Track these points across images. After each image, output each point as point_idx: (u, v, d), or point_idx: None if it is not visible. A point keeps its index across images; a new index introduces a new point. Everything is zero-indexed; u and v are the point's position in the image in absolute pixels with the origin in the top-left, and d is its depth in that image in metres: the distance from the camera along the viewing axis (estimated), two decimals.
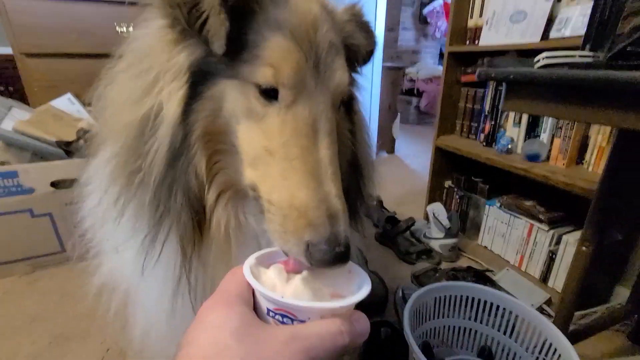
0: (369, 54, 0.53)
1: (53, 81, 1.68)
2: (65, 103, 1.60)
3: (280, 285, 0.30)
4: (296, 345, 0.25)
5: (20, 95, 1.79)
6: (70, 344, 0.96)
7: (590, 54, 0.56)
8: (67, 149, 1.32)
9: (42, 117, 1.41)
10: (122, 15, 1.70)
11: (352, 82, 0.52)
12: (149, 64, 0.41)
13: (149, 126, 0.40)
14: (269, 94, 0.38)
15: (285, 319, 0.28)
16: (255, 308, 0.29)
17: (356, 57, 0.51)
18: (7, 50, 1.78)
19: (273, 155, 0.37)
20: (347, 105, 0.50)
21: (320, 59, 0.40)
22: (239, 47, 0.38)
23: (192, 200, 0.42)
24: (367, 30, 0.51)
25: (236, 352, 0.24)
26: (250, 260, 0.32)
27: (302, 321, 0.28)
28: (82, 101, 1.60)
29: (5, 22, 1.58)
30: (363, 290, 0.30)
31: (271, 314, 0.28)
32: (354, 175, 0.53)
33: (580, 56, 0.54)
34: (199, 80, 0.39)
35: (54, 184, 1.24)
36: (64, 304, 1.11)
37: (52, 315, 1.07)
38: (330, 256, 0.31)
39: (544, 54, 0.55)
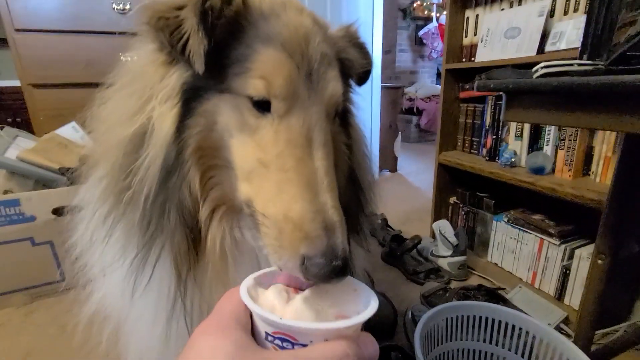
0: (366, 73, 0.54)
1: (59, 110, 1.72)
2: (70, 131, 1.62)
3: (279, 307, 0.27)
4: None
5: (27, 126, 1.83)
6: None
7: (589, 62, 0.56)
8: (70, 176, 1.33)
9: (46, 145, 1.43)
10: (127, 45, 1.76)
11: (347, 96, 0.51)
12: (142, 84, 0.41)
13: (139, 143, 0.40)
14: (262, 105, 0.38)
15: (285, 344, 0.25)
16: (254, 333, 0.27)
17: (350, 72, 0.50)
18: (15, 83, 1.84)
19: (267, 167, 0.37)
20: (343, 119, 0.50)
21: (313, 69, 0.39)
22: (229, 62, 0.38)
23: (187, 218, 0.41)
24: (361, 48, 0.52)
25: None
26: (248, 281, 0.30)
27: (304, 345, 0.25)
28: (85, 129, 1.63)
29: (15, 56, 1.64)
30: (370, 307, 0.27)
31: (270, 338, 0.26)
32: (353, 189, 0.52)
33: (579, 64, 0.54)
34: (192, 97, 0.39)
35: (55, 211, 1.23)
36: (59, 338, 1.07)
37: (47, 350, 1.02)
38: (327, 270, 0.30)
39: (542, 64, 0.54)
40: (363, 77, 0.54)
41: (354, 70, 0.50)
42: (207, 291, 0.44)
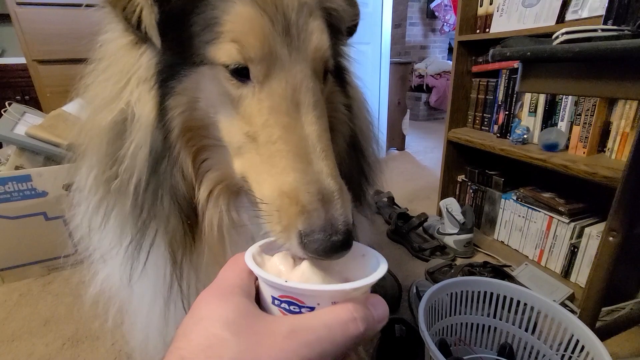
0: (355, 26, 0.48)
1: (65, 86, 1.69)
2: (77, 108, 1.63)
3: (286, 272, 0.27)
4: (299, 339, 0.22)
5: (35, 103, 1.83)
6: (82, 346, 0.97)
7: (615, 27, 0.52)
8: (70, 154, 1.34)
9: (54, 121, 1.43)
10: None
11: (339, 50, 0.46)
12: (117, 69, 0.39)
13: (121, 130, 0.38)
14: (240, 73, 0.34)
15: (292, 307, 0.25)
16: (260, 299, 0.27)
17: (339, 24, 0.44)
18: (21, 60, 1.83)
19: (255, 140, 0.34)
20: (339, 77, 0.46)
21: (291, 22, 0.34)
22: (197, 29, 0.35)
23: (181, 204, 0.39)
24: None
25: (230, 346, 0.21)
26: (254, 248, 0.29)
27: (311, 308, 0.24)
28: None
29: (18, 31, 1.62)
30: (379, 270, 0.26)
31: (276, 302, 0.25)
32: (354, 156, 0.49)
33: (603, 30, 0.51)
34: (168, 76, 0.36)
35: (66, 187, 1.26)
36: (76, 306, 1.12)
37: (65, 318, 1.07)
38: (327, 245, 0.27)
39: (563, 30, 0.51)
40: (350, 31, 0.48)
41: (343, 22, 0.44)
42: (204, 274, 0.44)
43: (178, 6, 0.34)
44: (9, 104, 1.41)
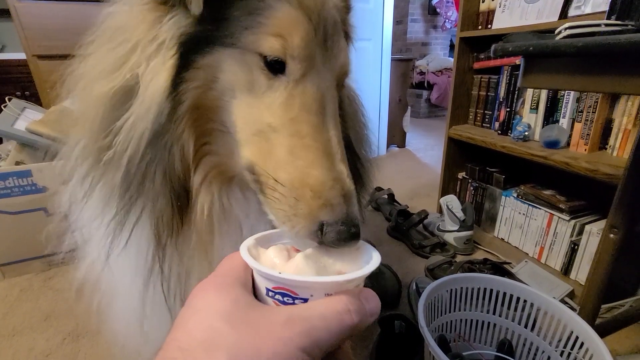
0: None
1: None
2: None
3: (280, 264, 0.27)
4: (296, 328, 0.22)
5: (36, 99, 1.83)
6: (83, 341, 0.97)
7: (618, 22, 0.52)
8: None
9: (54, 116, 1.43)
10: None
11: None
12: (126, 36, 0.38)
13: (122, 100, 0.37)
14: (275, 66, 0.35)
15: (286, 298, 0.25)
16: (255, 291, 0.27)
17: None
18: (21, 56, 1.82)
19: (278, 132, 0.35)
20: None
21: (327, 35, 0.37)
22: (237, 13, 0.35)
23: (174, 184, 0.39)
24: (349, 15, 0.49)
25: (227, 336, 0.21)
26: (249, 240, 0.30)
27: (305, 300, 0.25)
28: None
29: (18, 26, 1.62)
30: (372, 262, 0.27)
31: (270, 293, 0.26)
32: (350, 158, 0.50)
33: (607, 25, 0.50)
34: (192, 48, 0.36)
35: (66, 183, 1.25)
36: (76, 301, 1.12)
37: (66, 313, 1.08)
38: (347, 236, 0.30)
39: (566, 25, 0.50)
40: None
41: (348, 43, 0.49)
42: (187, 259, 0.43)
43: None
44: (9, 100, 1.41)
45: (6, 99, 1.40)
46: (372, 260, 0.27)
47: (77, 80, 0.43)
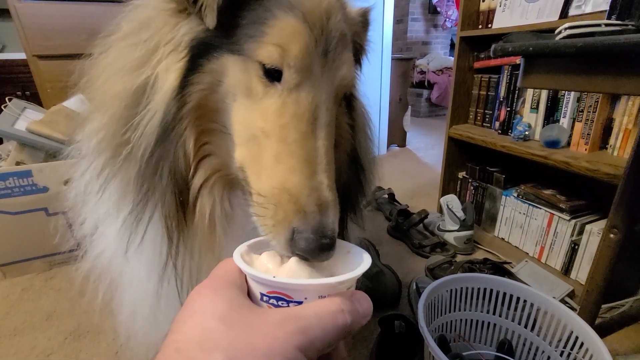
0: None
1: (65, 82, 1.70)
2: (77, 103, 1.62)
3: (273, 269, 0.28)
4: (291, 326, 0.23)
5: (36, 99, 1.83)
6: (84, 340, 0.97)
7: (618, 22, 0.52)
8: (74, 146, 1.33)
9: (54, 117, 1.43)
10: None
11: (355, 82, 0.50)
12: (149, 34, 0.39)
13: (143, 97, 0.39)
14: (272, 74, 0.36)
15: (280, 302, 0.26)
16: (250, 297, 0.27)
17: (358, 58, 0.50)
18: (21, 55, 1.82)
19: (268, 137, 0.36)
20: (348, 103, 0.49)
21: (330, 47, 0.38)
22: (244, 22, 0.36)
23: (178, 180, 0.40)
24: (367, 30, 0.51)
25: (224, 336, 0.22)
26: (242, 247, 0.30)
27: (299, 302, 0.25)
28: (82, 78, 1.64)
29: (18, 26, 1.62)
30: (362, 264, 0.28)
31: (265, 298, 0.26)
32: (354, 168, 0.52)
33: (607, 25, 0.50)
34: (200, 53, 0.38)
35: (66, 183, 1.26)
36: (78, 301, 1.12)
37: (67, 312, 1.08)
38: (315, 246, 0.29)
39: (566, 25, 0.50)
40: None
41: (360, 56, 0.50)
42: (197, 256, 0.45)
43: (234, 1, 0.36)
44: (10, 100, 1.41)
45: (6, 99, 1.40)
46: (362, 262, 0.28)
47: (97, 74, 0.44)
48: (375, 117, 2.70)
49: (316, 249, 0.29)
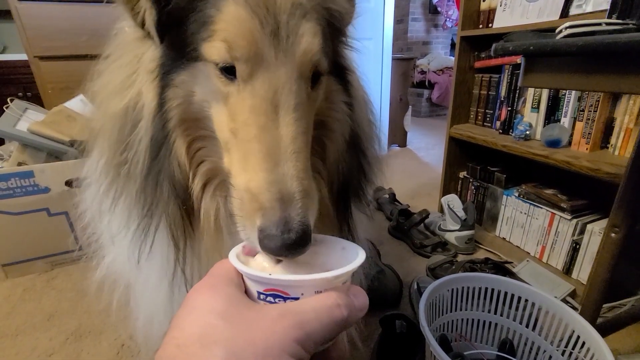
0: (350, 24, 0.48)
1: (66, 82, 1.71)
2: (78, 104, 1.62)
3: (269, 267, 0.28)
4: (289, 321, 0.23)
5: (37, 100, 1.84)
6: (86, 340, 0.97)
7: (618, 21, 0.52)
8: (79, 148, 1.34)
9: (55, 117, 1.43)
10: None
11: (339, 51, 0.47)
12: (129, 58, 0.41)
13: (130, 118, 0.40)
14: (228, 71, 0.35)
15: (277, 299, 0.26)
16: (247, 295, 0.28)
17: (341, 25, 0.44)
18: (23, 56, 1.83)
19: (237, 136, 0.35)
20: (340, 77, 0.46)
21: (281, 24, 0.34)
22: (196, 26, 0.36)
23: (178, 190, 0.41)
24: None
25: (223, 332, 0.22)
26: (237, 248, 0.31)
27: (296, 299, 0.26)
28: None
29: (19, 27, 1.62)
30: (358, 259, 0.28)
31: (262, 296, 0.26)
32: (354, 154, 0.49)
33: (607, 24, 0.50)
34: (170, 69, 0.38)
35: (68, 183, 1.26)
36: (80, 301, 1.13)
37: (68, 312, 1.08)
38: (279, 243, 0.28)
39: (567, 24, 0.50)
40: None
41: (344, 22, 0.44)
42: (205, 260, 0.45)
43: (179, 5, 0.36)
44: (11, 101, 1.42)
45: (8, 100, 1.40)
46: (357, 257, 0.28)
47: (95, 96, 0.46)
48: (377, 120, 2.69)
49: (282, 246, 0.28)
